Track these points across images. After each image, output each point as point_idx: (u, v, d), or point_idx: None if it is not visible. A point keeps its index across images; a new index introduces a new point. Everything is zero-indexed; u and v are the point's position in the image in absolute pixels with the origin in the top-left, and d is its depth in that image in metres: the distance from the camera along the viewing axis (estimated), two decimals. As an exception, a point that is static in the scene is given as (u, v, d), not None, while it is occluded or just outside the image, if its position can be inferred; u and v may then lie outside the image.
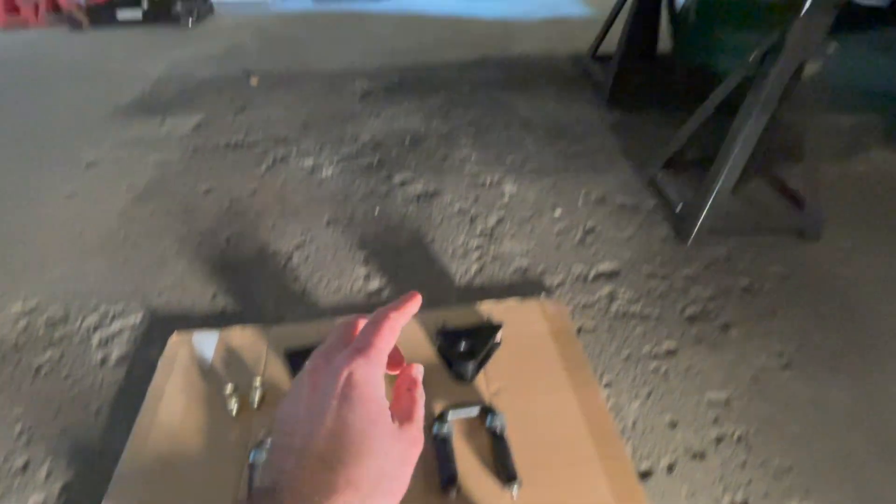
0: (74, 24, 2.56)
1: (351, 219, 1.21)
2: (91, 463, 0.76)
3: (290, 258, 1.11)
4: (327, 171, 1.38)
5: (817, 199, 1.10)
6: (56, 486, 0.73)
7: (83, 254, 1.14)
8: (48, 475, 0.75)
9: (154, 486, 0.68)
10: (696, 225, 1.11)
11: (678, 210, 1.15)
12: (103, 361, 0.91)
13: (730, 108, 1.13)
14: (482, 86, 1.89)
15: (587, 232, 1.16)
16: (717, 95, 1.19)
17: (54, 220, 1.24)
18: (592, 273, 1.05)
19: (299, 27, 2.69)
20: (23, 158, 1.51)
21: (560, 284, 1.03)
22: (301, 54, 2.29)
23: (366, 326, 0.33)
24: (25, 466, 0.76)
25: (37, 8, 2.61)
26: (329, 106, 1.75)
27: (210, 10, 2.83)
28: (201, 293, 1.03)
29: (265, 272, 1.08)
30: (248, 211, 1.25)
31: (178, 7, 2.58)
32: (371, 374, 0.30)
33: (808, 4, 0.88)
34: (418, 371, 0.36)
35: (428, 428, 0.73)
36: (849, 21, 1.50)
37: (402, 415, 0.32)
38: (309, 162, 1.42)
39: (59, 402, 0.84)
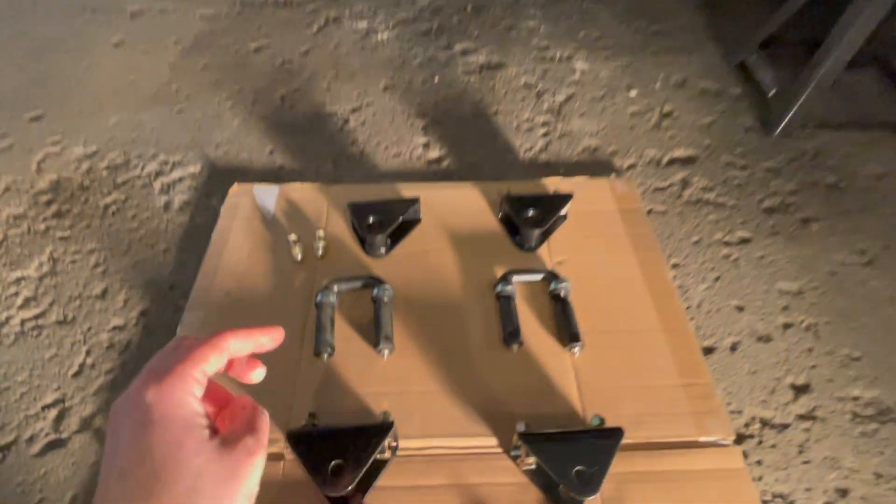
0: None
1: (409, 85, 1.14)
2: (163, 294, 0.80)
3: (346, 121, 1.07)
4: (383, 36, 1.29)
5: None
6: (134, 313, 0.78)
7: (137, 103, 1.12)
8: (125, 302, 0.79)
9: (224, 319, 0.71)
10: (787, 115, 1.01)
11: (771, 95, 1.04)
12: (167, 206, 0.92)
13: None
14: (553, -47, 1.68)
15: (664, 116, 1.07)
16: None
17: (105, 68, 1.21)
18: (667, 158, 0.98)
19: None
20: (68, 5, 1.44)
21: (631, 167, 0.97)
22: None
23: (182, 346, 0.30)
24: (104, 293, 0.80)
25: None
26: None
27: None
28: (258, 149, 1.02)
29: (322, 133, 1.04)
30: (301, 71, 1.19)
31: None
32: (168, 392, 0.27)
33: None
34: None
35: (490, 287, 0.72)
36: None
37: (239, 428, 0.29)
38: (363, 25, 1.32)
39: (128, 240, 0.87)
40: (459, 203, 0.84)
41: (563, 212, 0.80)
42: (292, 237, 0.75)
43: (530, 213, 0.77)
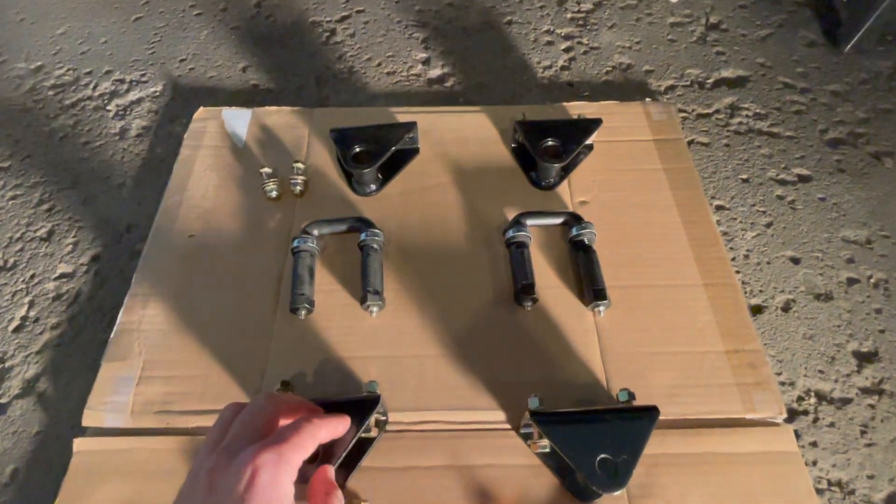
0: None
1: (407, -10, 0.96)
2: (117, 237, 0.69)
3: (332, 33, 0.90)
4: (376, -69, 1.08)
5: None
6: (84, 258, 0.67)
7: (88, 10, 0.95)
8: (74, 246, 0.68)
9: (187, 267, 0.60)
10: (862, 26, 0.84)
11: (843, 1, 0.86)
12: (123, 133, 0.79)
13: None
14: None
15: (710, 28, 0.90)
16: None
17: (51, -32, 1.03)
18: (712, 78, 0.83)
19: None
20: None
21: (670, 89, 0.82)
22: None
23: (284, 426, 0.31)
24: (49, 235, 0.69)
25: None
26: None
27: None
28: (229, 65, 0.86)
29: (304, 47, 0.89)
30: (279, -27, 1.01)
31: None
32: (281, 476, 0.27)
33: None
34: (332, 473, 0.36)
35: (500, 233, 0.61)
36: None
37: None
38: (353, -83, 1.11)
39: (78, 173, 0.75)
40: (465, 131, 0.71)
41: (588, 141, 0.66)
42: (266, 170, 0.63)
43: (549, 142, 0.64)
